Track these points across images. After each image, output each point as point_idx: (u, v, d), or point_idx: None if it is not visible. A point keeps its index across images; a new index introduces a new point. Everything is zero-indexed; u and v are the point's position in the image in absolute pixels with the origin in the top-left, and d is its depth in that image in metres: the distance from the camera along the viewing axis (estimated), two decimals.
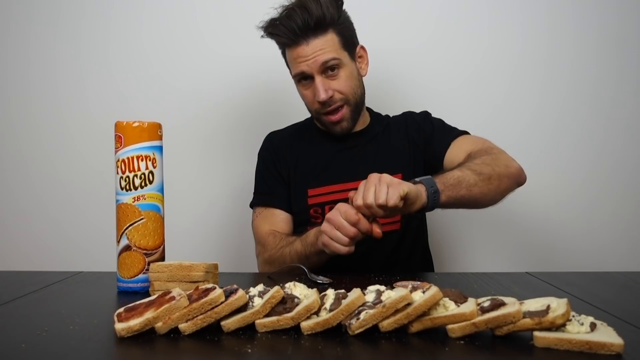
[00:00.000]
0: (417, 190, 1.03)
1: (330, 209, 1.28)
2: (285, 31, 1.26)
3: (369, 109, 1.47)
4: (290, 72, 1.35)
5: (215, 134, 1.75)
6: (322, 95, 1.27)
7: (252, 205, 1.40)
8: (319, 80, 1.27)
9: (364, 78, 1.38)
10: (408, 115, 1.44)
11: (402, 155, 1.37)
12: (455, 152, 1.28)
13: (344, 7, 1.31)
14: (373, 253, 1.30)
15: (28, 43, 1.75)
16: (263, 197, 1.39)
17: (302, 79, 1.30)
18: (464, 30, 1.73)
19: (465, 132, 1.35)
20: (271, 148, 1.43)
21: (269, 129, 1.49)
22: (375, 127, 1.42)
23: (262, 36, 1.30)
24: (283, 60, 1.37)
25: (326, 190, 1.33)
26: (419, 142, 1.37)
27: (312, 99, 1.31)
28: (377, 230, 1.03)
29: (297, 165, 1.38)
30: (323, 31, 1.26)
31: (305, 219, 1.34)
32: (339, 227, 1.03)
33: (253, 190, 1.42)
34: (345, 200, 1.27)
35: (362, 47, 1.37)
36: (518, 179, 1.20)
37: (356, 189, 1.25)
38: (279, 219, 1.35)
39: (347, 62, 1.30)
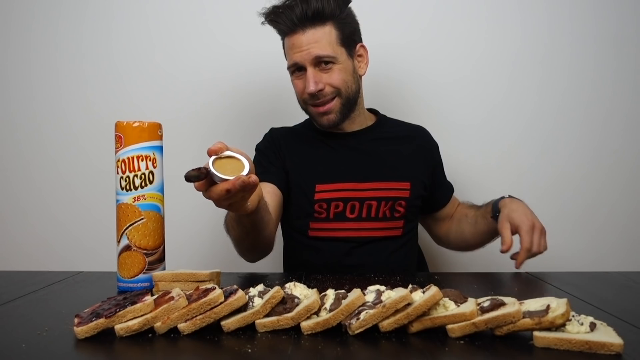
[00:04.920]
0: None
1: (337, 206, 1.31)
2: (285, 19, 1.27)
3: (375, 112, 1.47)
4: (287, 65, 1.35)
5: (216, 134, 1.75)
6: (311, 87, 1.26)
7: None
8: (310, 71, 1.27)
9: (363, 79, 1.38)
10: (428, 135, 1.46)
11: (414, 168, 1.38)
12: (451, 206, 1.48)
13: (352, 6, 1.32)
14: (373, 256, 1.31)
15: (29, 42, 1.75)
16: (259, 176, 1.36)
17: (296, 70, 1.31)
18: (462, 29, 1.73)
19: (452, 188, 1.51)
20: (270, 140, 1.42)
21: (268, 129, 1.49)
22: (381, 129, 1.42)
23: (262, 22, 1.31)
24: (282, 58, 1.36)
25: (334, 187, 1.32)
26: (432, 170, 1.42)
27: (302, 89, 1.31)
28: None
29: (303, 159, 1.37)
30: (321, 23, 1.26)
31: (309, 212, 1.33)
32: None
33: None
34: (351, 199, 1.31)
35: (363, 46, 1.36)
36: None
37: (365, 190, 1.32)
38: (265, 191, 1.29)
39: (343, 58, 1.30)
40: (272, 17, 1.28)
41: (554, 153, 1.74)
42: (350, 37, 1.32)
